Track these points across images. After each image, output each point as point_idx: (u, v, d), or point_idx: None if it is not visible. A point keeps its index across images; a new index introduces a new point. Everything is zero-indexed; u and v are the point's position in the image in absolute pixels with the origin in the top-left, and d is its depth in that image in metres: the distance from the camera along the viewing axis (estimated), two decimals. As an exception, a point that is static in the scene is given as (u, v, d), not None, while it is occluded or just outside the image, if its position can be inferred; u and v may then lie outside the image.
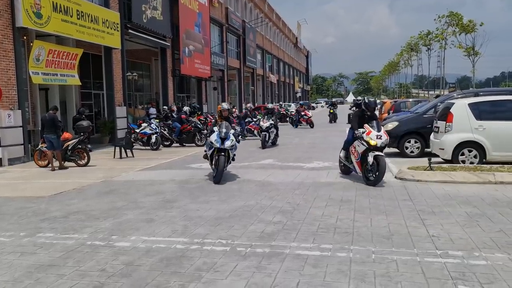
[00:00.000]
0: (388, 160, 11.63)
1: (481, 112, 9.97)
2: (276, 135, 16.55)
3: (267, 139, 15.76)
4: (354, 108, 24.10)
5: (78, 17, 15.38)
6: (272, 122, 16.25)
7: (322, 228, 5.59)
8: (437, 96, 22.25)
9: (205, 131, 19.29)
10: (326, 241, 5.04)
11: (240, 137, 18.81)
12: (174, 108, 21.61)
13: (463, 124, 9.93)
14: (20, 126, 13.29)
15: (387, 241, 4.98)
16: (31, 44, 13.77)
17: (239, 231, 5.55)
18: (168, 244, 5.10)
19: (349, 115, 25.22)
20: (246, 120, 21.26)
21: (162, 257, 4.66)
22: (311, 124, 26.15)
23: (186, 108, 18.95)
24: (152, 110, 21.38)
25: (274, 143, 16.40)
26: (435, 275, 4.00)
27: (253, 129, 20.01)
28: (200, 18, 28.90)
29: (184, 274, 4.19)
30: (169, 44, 24.34)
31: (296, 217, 6.16)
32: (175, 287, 3.90)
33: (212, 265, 4.38)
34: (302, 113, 27.12)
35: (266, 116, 17.03)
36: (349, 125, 9.32)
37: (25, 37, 13.89)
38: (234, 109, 27.69)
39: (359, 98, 31.76)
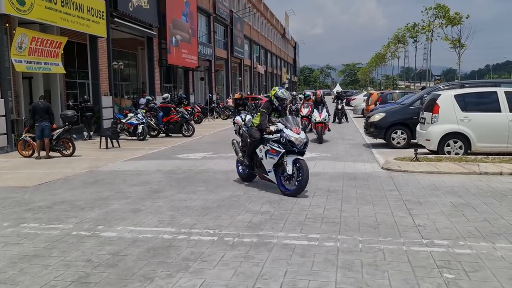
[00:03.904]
0: (375, 151, 11.78)
1: (466, 103, 10.08)
2: None
3: None
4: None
5: (63, 4, 15.07)
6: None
7: (309, 218, 5.60)
8: (423, 88, 22.38)
9: (192, 121, 18.99)
10: (313, 231, 5.05)
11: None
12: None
13: (449, 115, 10.03)
14: (3, 116, 13.03)
15: (374, 231, 5.02)
16: (14, 31, 13.46)
17: (226, 221, 5.53)
18: (155, 234, 5.06)
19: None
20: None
21: (148, 247, 4.62)
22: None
23: (165, 95, 18.61)
24: (142, 101, 21.03)
25: None
26: (421, 263, 4.04)
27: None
28: (188, 7, 28.58)
29: (171, 264, 4.16)
30: (155, 33, 24.04)
31: (283, 207, 6.17)
32: (162, 277, 3.87)
33: (199, 255, 4.36)
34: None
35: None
36: None
37: (7, 24, 13.57)
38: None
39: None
